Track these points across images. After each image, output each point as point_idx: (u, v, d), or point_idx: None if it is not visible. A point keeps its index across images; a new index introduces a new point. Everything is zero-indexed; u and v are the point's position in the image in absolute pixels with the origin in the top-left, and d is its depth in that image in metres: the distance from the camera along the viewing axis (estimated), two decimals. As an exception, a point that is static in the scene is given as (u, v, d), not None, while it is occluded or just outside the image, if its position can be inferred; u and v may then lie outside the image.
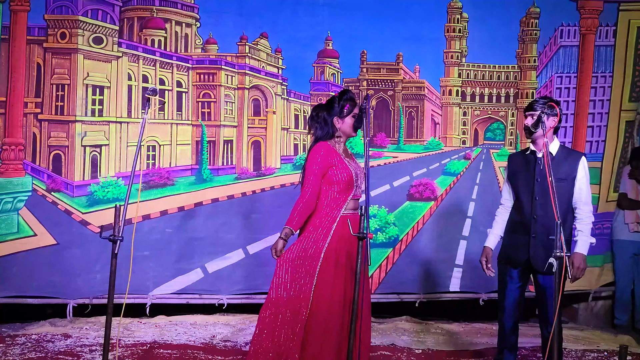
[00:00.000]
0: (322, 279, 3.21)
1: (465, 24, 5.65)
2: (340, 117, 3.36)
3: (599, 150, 5.61)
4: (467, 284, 5.48)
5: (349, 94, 3.40)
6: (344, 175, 3.29)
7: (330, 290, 3.22)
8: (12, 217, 4.97)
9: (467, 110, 5.88)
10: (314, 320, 3.21)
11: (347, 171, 3.31)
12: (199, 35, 5.42)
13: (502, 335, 3.64)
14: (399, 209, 5.55)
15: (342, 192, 3.31)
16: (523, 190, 3.51)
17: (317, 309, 3.21)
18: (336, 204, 3.30)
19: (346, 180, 3.30)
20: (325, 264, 3.23)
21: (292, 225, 3.24)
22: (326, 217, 3.29)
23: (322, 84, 5.56)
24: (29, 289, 4.94)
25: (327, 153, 3.31)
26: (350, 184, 3.31)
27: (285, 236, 3.24)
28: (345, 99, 3.37)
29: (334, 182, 3.30)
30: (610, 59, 5.54)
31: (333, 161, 3.30)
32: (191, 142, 5.36)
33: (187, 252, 5.20)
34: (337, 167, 3.30)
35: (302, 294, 3.21)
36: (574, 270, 3.34)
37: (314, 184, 3.27)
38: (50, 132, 5.07)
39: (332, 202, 3.31)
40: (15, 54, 4.95)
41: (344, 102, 3.36)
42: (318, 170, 3.28)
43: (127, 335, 4.67)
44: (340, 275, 3.24)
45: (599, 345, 4.82)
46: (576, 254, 3.38)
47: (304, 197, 3.27)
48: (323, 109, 3.41)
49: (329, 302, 3.22)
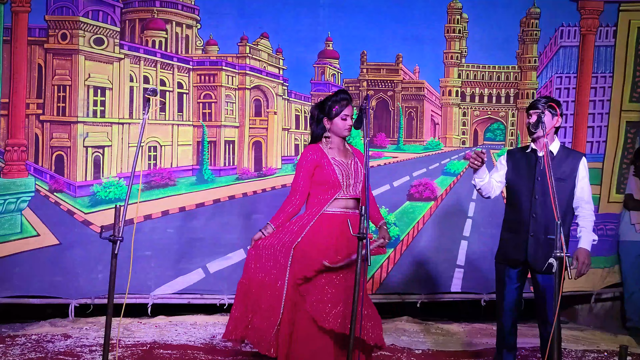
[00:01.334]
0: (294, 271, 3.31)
1: (465, 25, 5.66)
2: (329, 118, 3.39)
3: (600, 151, 5.61)
4: (468, 285, 5.48)
5: (341, 94, 3.41)
6: (329, 175, 3.34)
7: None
8: (15, 218, 4.99)
9: (467, 111, 5.89)
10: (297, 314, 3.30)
11: (332, 171, 3.35)
12: (199, 37, 5.44)
13: (501, 336, 3.64)
14: (399, 209, 5.56)
15: (327, 192, 3.36)
16: (522, 188, 3.50)
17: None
18: (319, 202, 3.37)
19: (331, 180, 3.34)
20: (297, 256, 3.30)
21: (275, 223, 3.38)
22: (307, 214, 3.39)
23: (322, 85, 5.57)
24: (31, 288, 4.96)
25: (314, 155, 3.38)
26: (335, 184, 3.35)
27: (265, 230, 3.37)
28: (334, 100, 3.38)
29: (320, 182, 3.37)
30: (611, 60, 5.54)
31: (320, 162, 3.36)
32: (192, 142, 5.38)
33: (188, 253, 5.22)
34: (324, 167, 3.35)
35: (274, 282, 3.31)
36: (579, 266, 3.34)
37: (301, 186, 3.38)
38: (52, 133, 5.09)
39: (316, 201, 3.38)
40: (17, 55, 4.98)
41: (332, 104, 3.38)
42: (304, 172, 3.37)
43: (127, 336, 4.68)
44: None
45: (599, 345, 4.82)
46: (580, 250, 3.38)
47: (290, 198, 3.41)
48: (317, 108, 3.46)
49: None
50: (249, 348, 4.46)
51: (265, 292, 3.32)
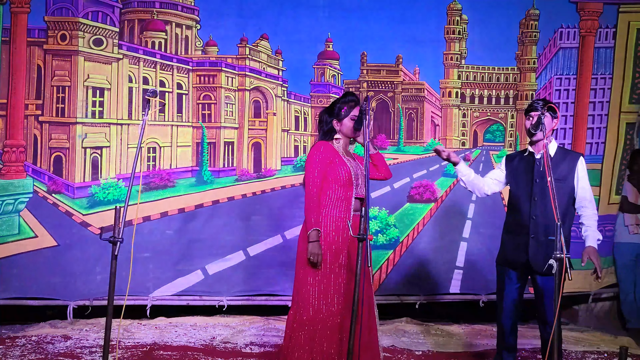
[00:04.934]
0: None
1: (464, 26, 5.66)
2: (338, 119, 3.40)
3: (599, 152, 5.61)
4: (467, 286, 5.48)
5: (349, 96, 3.43)
6: (343, 173, 3.31)
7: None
8: (13, 219, 4.98)
9: (467, 112, 5.89)
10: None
11: (346, 168, 3.32)
12: (199, 37, 5.43)
13: (501, 337, 3.65)
14: (399, 210, 5.55)
15: (344, 191, 3.31)
16: (521, 191, 3.52)
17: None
18: (343, 205, 3.30)
19: (345, 177, 3.31)
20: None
21: (317, 225, 3.23)
22: (337, 219, 3.28)
23: (322, 86, 5.57)
24: (29, 290, 4.95)
25: (326, 151, 3.33)
26: (350, 182, 3.32)
27: (317, 237, 3.22)
28: (343, 101, 3.40)
29: (333, 180, 3.30)
30: (610, 61, 5.54)
31: (332, 159, 3.32)
32: (191, 143, 5.37)
33: (188, 254, 5.21)
34: (336, 164, 3.32)
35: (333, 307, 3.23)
36: (597, 262, 3.33)
37: (317, 180, 3.28)
38: (51, 134, 5.08)
39: (337, 202, 3.31)
40: (16, 55, 4.97)
41: (341, 105, 3.40)
42: (319, 168, 3.29)
43: (127, 337, 4.67)
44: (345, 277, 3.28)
45: (599, 346, 4.82)
46: (590, 248, 3.37)
47: (311, 195, 3.27)
48: (326, 112, 3.47)
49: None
50: (249, 349, 4.46)
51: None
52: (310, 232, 3.21)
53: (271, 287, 5.28)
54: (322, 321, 3.21)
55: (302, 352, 3.21)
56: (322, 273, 3.23)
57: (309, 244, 3.20)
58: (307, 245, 3.21)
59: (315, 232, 3.20)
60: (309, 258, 3.20)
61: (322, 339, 3.21)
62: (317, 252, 3.19)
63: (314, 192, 3.26)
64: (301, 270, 3.29)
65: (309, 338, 3.22)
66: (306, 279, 3.25)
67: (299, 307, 3.27)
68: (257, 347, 4.52)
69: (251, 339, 4.70)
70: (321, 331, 3.21)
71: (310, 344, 3.21)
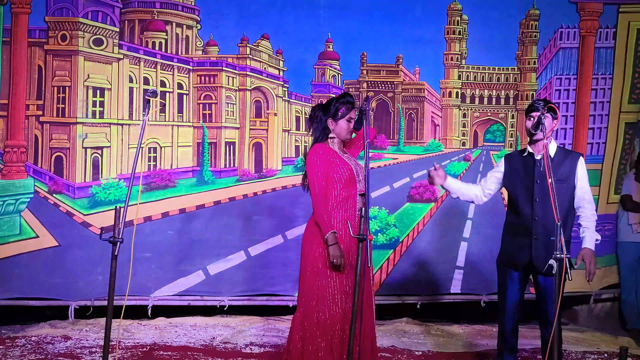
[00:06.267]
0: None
1: (465, 26, 5.66)
2: (334, 119, 3.38)
3: (600, 152, 5.61)
4: (468, 286, 5.47)
5: (347, 97, 3.40)
6: (345, 171, 3.30)
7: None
8: (14, 219, 4.99)
9: (467, 112, 5.89)
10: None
11: (347, 166, 3.31)
12: (199, 37, 5.43)
13: (502, 337, 3.64)
14: (399, 210, 5.56)
15: (347, 189, 3.29)
16: (521, 192, 3.50)
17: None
18: (348, 204, 3.29)
19: (348, 176, 3.30)
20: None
21: (332, 227, 3.19)
22: (344, 219, 3.27)
23: (322, 86, 5.57)
24: (30, 290, 4.96)
25: (325, 152, 3.32)
26: (352, 179, 3.31)
27: (336, 239, 3.17)
28: (341, 102, 3.37)
29: (336, 180, 3.28)
30: (610, 61, 5.54)
31: (332, 159, 3.31)
32: (192, 143, 5.37)
33: (189, 254, 5.21)
34: (337, 164, 3.31)
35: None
36: (588, 266, 3.34)
37: (321, 183, 3.25)
38: (51, 134, 5.09)
39: (342, 202, 3.29)
40: (17, 56, 4.98)
41: (339, 105, 3.36)
42: (322, 170, 3.26)
43: (127, 337, 4.67)
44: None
45: (599, 347, 4.82)
46: (586, 250, 3.37)
47: (318, 199, 3.23)
48: (320, 109, 3.43)
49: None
50: (249, 350, 4.46)
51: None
52: (328, 236, 3.15)
53: (272, 287, 5.28)
54: (340, 322, 3.20)
55: (323, 353, 3.17)
56: (337, 274, 3.21)
57: (329, 248, 3.15)
58: (327, 250, 3.16)
59: (332, 234, 3.16)
60: (332, 261, 3.15)
61: (340, 340, 3.19)
62: (339, 255, 3.15)
63: (320, 195, 3.24)
64: (312, 272, 3.24)
65: (329, 340, 3.19)
66: (322, 281, 3.21)
67: (314, 310, 3.21)
68: (257, 348, 4.52)
69: (251, 339, 4.71)
70: (339, 332, 3.20)
71: (330, 346, 3.19)
